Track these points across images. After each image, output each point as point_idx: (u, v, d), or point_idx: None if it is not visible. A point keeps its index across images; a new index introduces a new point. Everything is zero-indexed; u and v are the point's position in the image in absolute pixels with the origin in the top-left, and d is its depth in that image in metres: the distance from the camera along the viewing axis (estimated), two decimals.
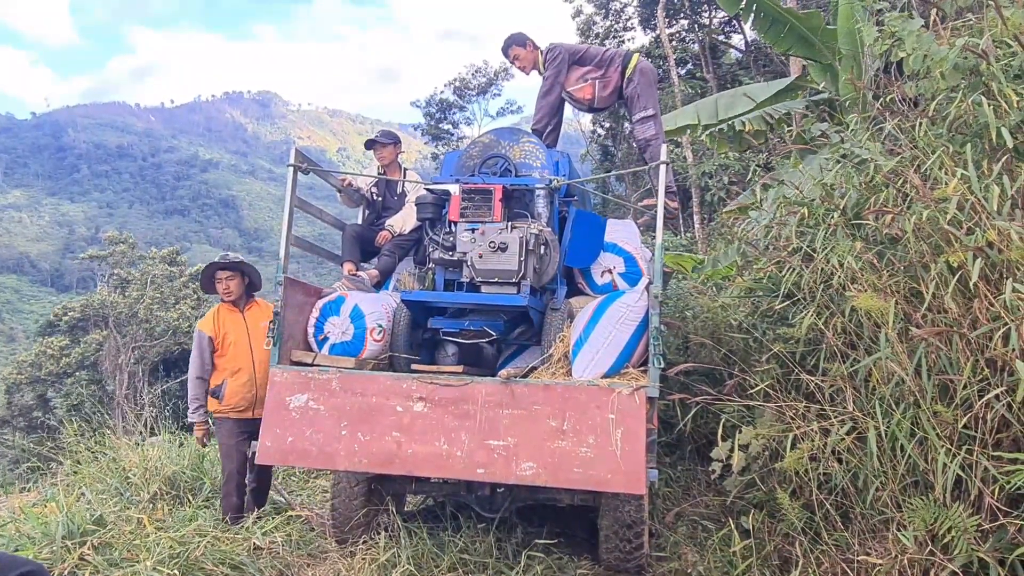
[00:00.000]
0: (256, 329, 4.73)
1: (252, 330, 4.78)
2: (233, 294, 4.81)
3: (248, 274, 4.93)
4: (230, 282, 4.80)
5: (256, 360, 4.74)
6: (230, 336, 4.78)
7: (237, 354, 4.76)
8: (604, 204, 11.05)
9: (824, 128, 4.67)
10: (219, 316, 4.82)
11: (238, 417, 4.74)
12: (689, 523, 4.54)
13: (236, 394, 4.73)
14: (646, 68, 5.26)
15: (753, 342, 4.41)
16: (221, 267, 4.84)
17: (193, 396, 4.77)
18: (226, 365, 4.76)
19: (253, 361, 4.74)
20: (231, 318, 4.83)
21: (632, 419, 3.43)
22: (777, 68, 16.23)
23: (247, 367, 4.75)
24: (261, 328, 4.55)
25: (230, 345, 4.78)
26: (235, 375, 4.72)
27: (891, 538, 2.97)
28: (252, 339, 4.76)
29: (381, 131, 5.55)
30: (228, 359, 4.77)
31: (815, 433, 3.29)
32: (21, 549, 3.95)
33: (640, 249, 4.48)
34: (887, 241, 3.44)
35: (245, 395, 4.72)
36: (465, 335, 4.13)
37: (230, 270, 4.84)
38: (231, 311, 4.85)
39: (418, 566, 3.84)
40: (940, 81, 3.50)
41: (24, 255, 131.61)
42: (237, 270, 4.87)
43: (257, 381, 4.70)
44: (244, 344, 4.76)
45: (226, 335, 4.78)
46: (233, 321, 4.82)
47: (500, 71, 29.27)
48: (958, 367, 2.85)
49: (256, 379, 4.71)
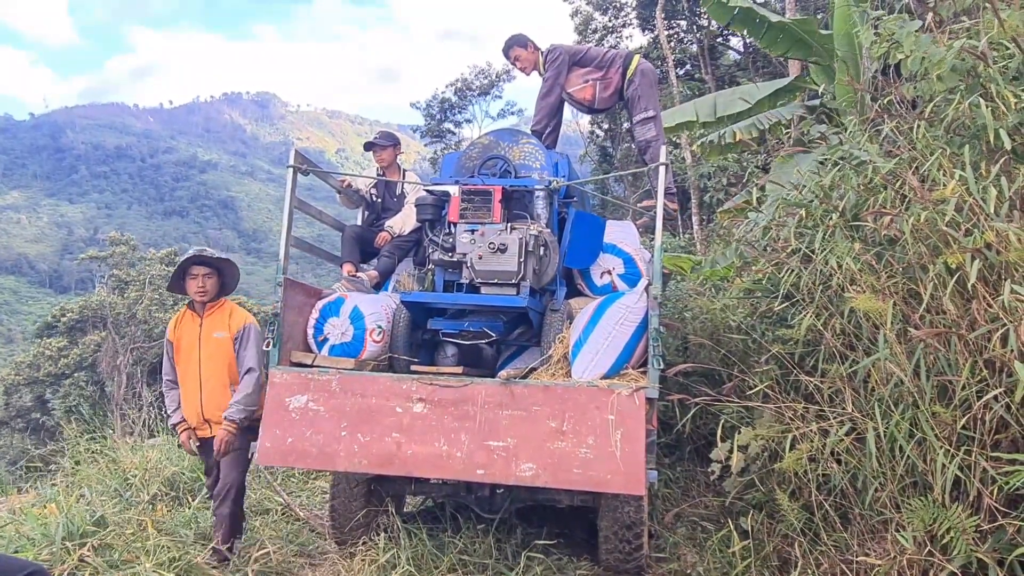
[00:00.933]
0: (209, 339, 4.17)
1: (205, 339, 4.18)
2: (209, 294, 4.19)
3: (225, 275, 4.30)
4: (208, 280, 4.16)
5: (204, 375, 4.14)
6: (183, 342, 4.23)
7: (186, 368, 4.22)
8: (603, 205, 11.06)
9: (823, 130, 4.68)
10: (180, 321, 4.30)
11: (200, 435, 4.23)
12: (688, 524, 4.55)
13: (185, 411, 4.25)
14: (647, 69, 5.27)
15: (752, 343, 4.41)
16: (199, 262, 4.17)
17: (167, 401, 4.35)
18: (179, 377, 4.28)
19: (200, 376, 4.14)
20: (188, 323, 4.26)
21: (631, 420, 3.43)
22: (776, 69, 16.25)
23: (192, 382, 4.18)
24: (215, 341, 4.14)
25: (182, 353, 4.24)
26: (184, 390, 4.25)
27: (890, 539, 2.97)
28: (202, 349, 4.17)
29: (380, 133, 5.55)
30: (180, 370, 4.26)
31: (814, 434, 3.30)
32: (21, 550, 3.95)
33: (639, 250, 4.49)
34: (886, 242, 3.45)
35: (193, 414, 4.19)
36: (465, 336, 4.14)
37: (209, 267, 4.19)
38: (192, 316, 4.25)
39: (418, 567, 3.85)
40: (938, 83, 3.51)
41: (22, 256, 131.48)
42: (215, 267, 4.23)
43: (203, 400, 4.13)
44: (193, 355, 4.18)
45: (180, 340, 4.25)
46: (189, 327, 4.24)
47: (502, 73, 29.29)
48: (957, 368, 2.86)
49: (202, 397, 4.14)
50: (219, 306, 4.24)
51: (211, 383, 4.14)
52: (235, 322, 4.20)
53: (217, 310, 4.23)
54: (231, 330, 4.17)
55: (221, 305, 4.25)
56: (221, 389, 4.13)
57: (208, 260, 4.19)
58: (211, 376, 4.14)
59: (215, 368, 4.14)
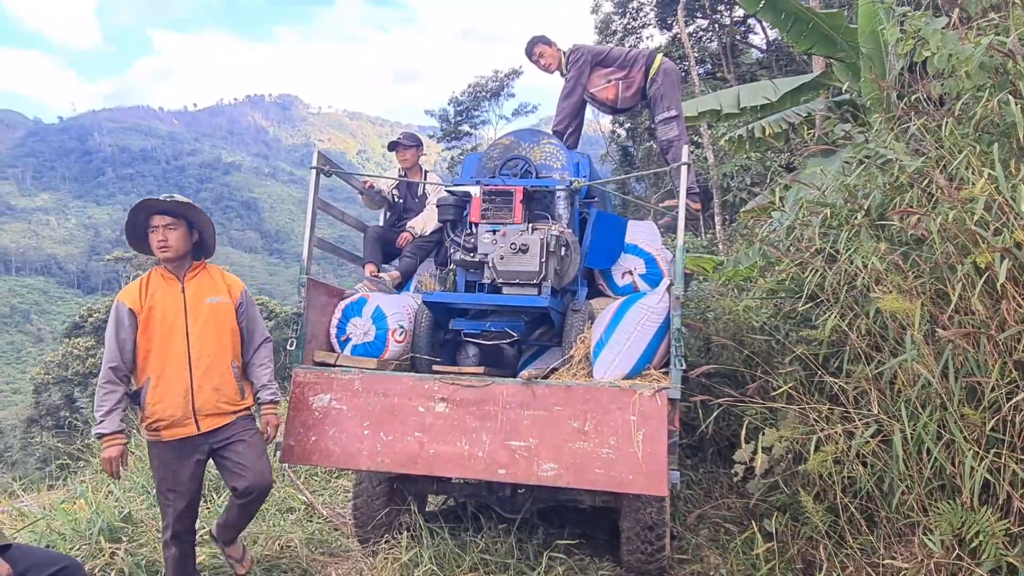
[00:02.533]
0: (200, 306, 3.37)
1: (193, 306, 3.36)
2: (171, 250, 3.33)
3: (198, 226, 3.45)
4: (169, 232, 3.32)
5: (195, 351, 3.31)
6: (156, 312, 3.29)
7: (165, 342, 3.28)
8: (624, 205, 11.02)
9: (847, 128, 4.63)
10: (148, 283, 3.35)
11: (171, 438, 3.29)
12: (711, 525, 4.52)
13: (161, 404, 3.25)
14: (670, 68, 5.24)
15: (776, 344, 4.38)
16: (156, 210, 3.33)
17: (103, 395, 3.20)
18: (149, 358, 3.28)
19: (189, 354, 3.30)
20: (164, 288, 3.36)
21: (654, 420, 3.42)
22: (799, 67, 16.09)
23: (176, 363, 3.29)
24: (208, 307, 3.38)
25: (156, 327, 3.28)
26: (161, 375, 3.27)
27: (917, 542, 2.94)
28: (191, 319, 3.33)
29: (403, 133, 5.59)
30: (154, 348, 3.28)
31: (839, 436, 3.27)
32: (52, 545, 4.03)
33: (661, 250, 4.47)
34: (912, 242, 3.40)
35: (177, 405, 3.27)
36: (486, 336, 4.15)
37: (170, 215, 3.34)
38: (167, 278, 3.38)
39: (440, 566, 3.86)
40: (965, 80, 3.46)
41: (51, 257, 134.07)
42: (179, 216, 3.37)
43: (195, 385, 3.29)
44: (178, 328, 3.31)
45: (151, 310, 3.29)
46: (166, 292, 3.35)
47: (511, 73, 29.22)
48: (986, 369, 2.82)
49: (193, 381, 3.29)
50: (202, 267, 3.51)
51: (206, 361, 3.33)
52: (233, 285, 3.57)
53: (202, 271, 3.49)
54: (231, 294, 3.51)
55: (203, 266, 3.52)
56: (220, 369, 3.37)
57: (165, 207, 3.32)
58: (206, 352, 3.34)
59: (212, 342, 3.36)
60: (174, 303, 3.35)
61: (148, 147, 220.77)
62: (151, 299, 3.31)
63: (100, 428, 3.18)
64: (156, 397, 3.26)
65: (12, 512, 5.02)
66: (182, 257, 3.40)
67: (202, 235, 3.48)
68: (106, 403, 3.19)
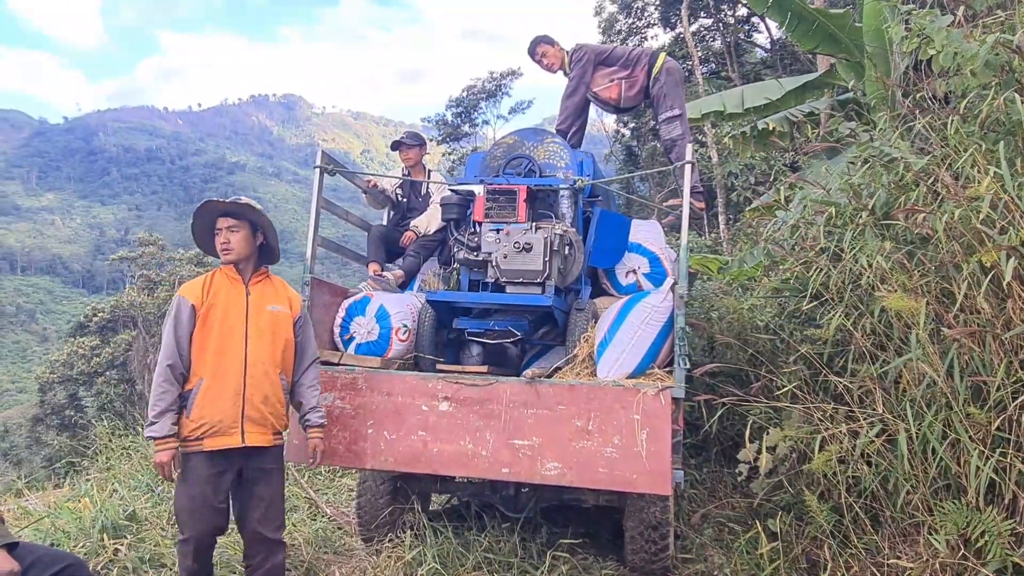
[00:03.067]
0: (261, 311, 3.26)
1: (255, 310, 3.25)
2: (233, 252, 3.25)
3: (262, 229, 3.35)
4: (231, 235, 3.24)
5: (251, 357, 3.18)
6: (217, 311, 3.18)
7: (224, 343, 3.15)
8: (628, 204, 11.01)
9: (852, 127, 4.61)
10: (212, 282, 3.25)
11: (213, 447, 3.08)
12: (715, 525, 4.51)
13: (211, 407, 3.09)
14: (673, 67, 5.24)
15: (780, 343, 4.37)
16: (219, 212, 3.28)
17: (159, 393, 3.04)
18: (204, 357, 3.12)
19: (245, 359, 3.17)
20: (228, 288, 3.25)
21: (657, 420, 3.42)
22: (803, 67, 16.05)
23: (232, 366, 3.14)
24: (269, 314, 3.27)
25: (214, 325, 3.16)
26: (215, 376, 3.11)
27: (922, 542, 2.93)
28: (251, 323, 3.22)
29: (407, 132, 5.59)
30: (209, 348, 3.13)
31: (844, 435, 3.26)
32: (57, 543, 4.04)
33: (665, 249, 4.47)
34: (917, 241, 3.39)
35: (226, 409, 3.11)
36: (490, 335, 4.15)
37: (234, 217, 3.27)
38: (232, 279, 3.28)
39: (443, 565, 3.86)
40: (971, 78, 3.44)
41: (57, 257, 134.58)
42: (244, 219, 3.29)
43: (247, 391, 3.15)
44: (238, 330, 3.19)
45: (211, 309, 3.18)
46: (230, 293, 3.24)
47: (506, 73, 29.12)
48: (991, 368, 2.81)
49: (246, 387, 3.15)
50: (266, 275, 3.40)
51: (260, 368, 3.20)
52: (293, 298, 3.45)
53: (265, 279, 3.38)
54: (291, 307, 3.39)
55: (267, 274, 3.42)
56: (272, 378, 3.24)
57: (229, 208, 3.25)
58: (261, 359, 3.20)
59: (267, 349, 3.23)
60: (237, 304, 3.22)
61: (153, 147, 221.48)
62: (213, 297, 3.19)
63: (153, 431, 3.02)
64: (207, 400, 3.09)
65: (18, 510, 5.04)
66: (246, 260, 3.30)
67: (266, 238, 3.37)
68: (161, 403, 3.03)
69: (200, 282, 3.25)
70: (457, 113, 28.41)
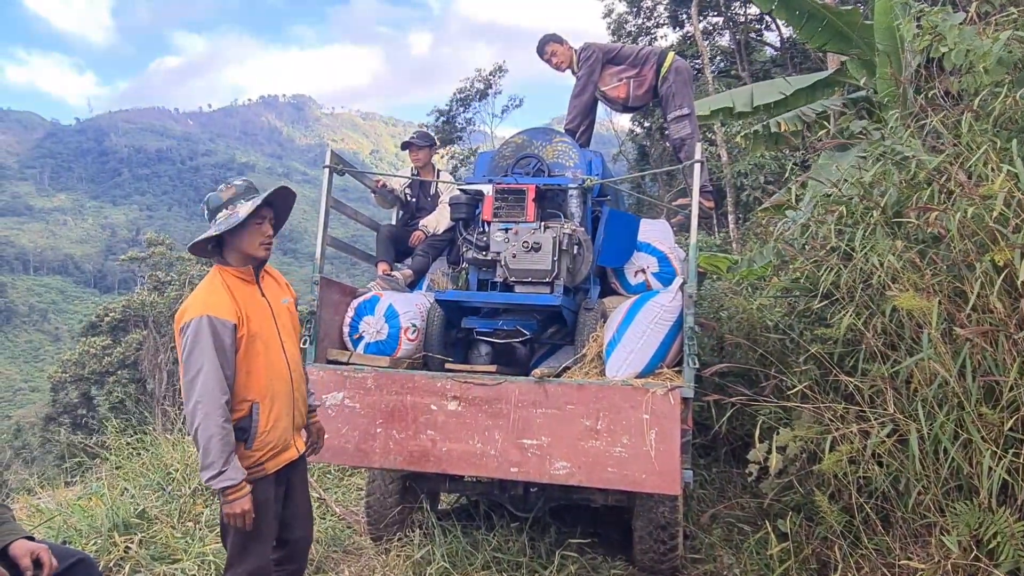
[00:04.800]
0: (280, 309, 2.91)
1: (276, 312, 2.88)
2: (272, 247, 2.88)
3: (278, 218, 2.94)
4: (271, 227, 2.85)
5: (291, 363, 2.87)
6: (254, 323, 2.74)
7: (266, 358, 2.76)
8: (639, 204, 11.00)
9: (863, 125, 4.59)
10: (230, 289, 2.73)
11: (275, 468, 2.79)
12: (725, 525, 4.50)
13: (274, 430, 2.76)
14: (681, 66, 5.22)
15: (790, 343, 4.35)
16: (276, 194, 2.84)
17: (222, 436, 2.55)
18: (253, 381, 2.72)
19: (288, 364, 2.85)
20: (246, 294, 2.78)
21: (666, 419, 3.40)
22: (813, 65, 15.97)
23: (283, 378, 2.82)
24: (284, 308, 2.94)
25: (256, 340, 2.73)
26: (270, 397, 2.76)
27: (934, 543, 2.90)
28: (279, 326, 2.86)
29: (416, 133, 5.60)
30: (258, 368, 2.73)
31: (854, 435, 3.24)
32: (68, 541, 4.07)
33: (674, 249, 4.45)
34: (929, 239, 3.37)
35: (287, 426, 2.83)
36: (499, 335, 4.14)
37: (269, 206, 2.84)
38: (245, 281, 2.81)
39: (452, 564, 3.87)
40: (984, 75, 3.42)
41: (69, 257, 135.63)
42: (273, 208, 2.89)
43: (296, 398, 2.89)
44: (273, 336, 2.82)
45: (249, 321, 2.72)
46: (250, 299, 2.78)
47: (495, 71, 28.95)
48: (1004, 368, 2.79)
49: (295, 395, 2.88)
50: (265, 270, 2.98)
51: (298, 371, 2.93)
52: (287, 283, 3.11)
53: (266, 273, 2.97)
54: (291, 292, 3.08)
55: (266, 270, 3.00)
56: (303, 373, 3.03)
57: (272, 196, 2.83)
58: (296, 360, 2.93)
59: (295, 347, 2.96)
60: (261, 310, 2.81)
61: (163, 148, 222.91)
62: (245, 308, 2.72)
63: (226, 480, 2.54)
64: (270, 421, 2.74)
65: (30, 508, 5.08)
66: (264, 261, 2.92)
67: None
68: (227, 446, 2.57)
69: (220, 292, 2.71)
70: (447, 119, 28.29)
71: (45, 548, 2.28)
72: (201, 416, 2.53)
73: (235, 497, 2.57)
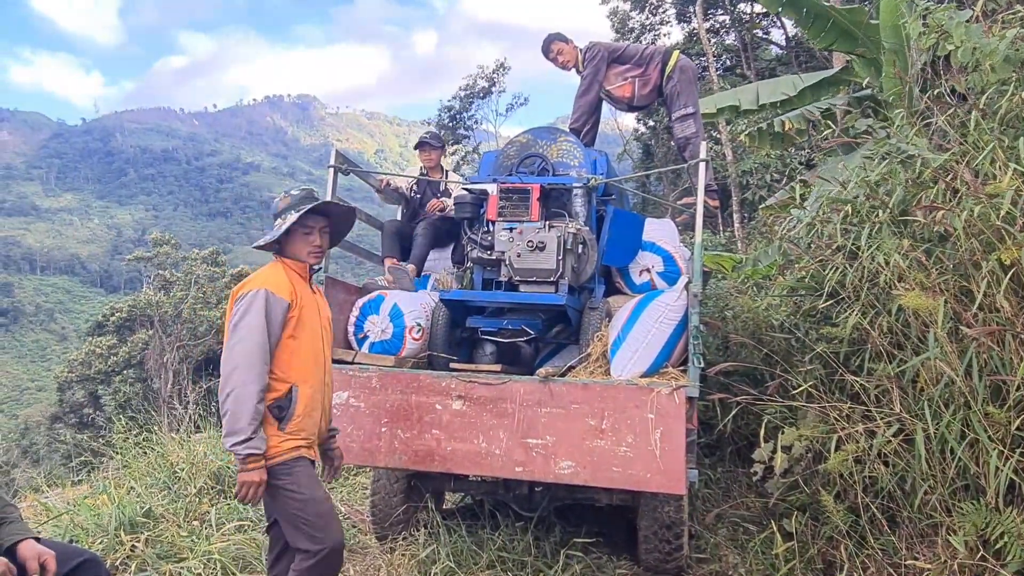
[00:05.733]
0: (324, 318, 3.04)
1: (323, 313, 3.03)
2: (323, 255, 3.03)
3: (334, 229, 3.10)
4: (324, 237, 2.97)
5: (327, 366, 3.00)
6: (306, 309, 2.87)
7: (310, 347, 2.85)
8: (642, 203, 10.98)
9: (869, 123, 4.57)
10: (289, 276, 2.87)
11: (311, 457, 2.87)
12: (730, 525, 4.49)
13: (308, 419, 2.82)
14: (686, 65, 5.21)
15: (795, 342, 4.34)
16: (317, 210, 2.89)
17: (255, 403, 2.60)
18: (295, 362, 2.78)
19: (325, 365, 2.96)
20: (303, 288, 2.92)
21: (672, 419, 3.40)
22: (819, 64, 15.92)
23: (319, 373, 2.90)
24: (326, 318, 3.07)
25: (305, 325, 2.84)
26: (308, 383, 2.82)
27: (940, 543, 2.89)
28: (324, 331, 2.99)
29: (430, 133, 5.66)
30: (302, 352, 2.81)
31: (860, 435, 3.23)
32: (76, 539, 4.09)
33: (679, 248, 4.45)
34: (936, 238, 3.35)
35: (318, 422, 2.89)
36: (503, 334, 4.14)
37: (323, 215, 2.96)
38: (303, 277, 2.95)
39: (457, 563, 3.87)
40: (990, 74, 3.40)
41: (75, 257, 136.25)
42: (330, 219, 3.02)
43: (325, 401, 2.96)
44: (319, 333, 2.93)
45: (302, 307, 2.84)
46: (305, 291, 2.92)
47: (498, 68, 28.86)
48: (1011, 367, 2.77)
49: (325, 399, 2.96)
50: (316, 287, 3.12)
51: (330, 378, 3.06)
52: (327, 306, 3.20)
53: (318, 290, 3.11)
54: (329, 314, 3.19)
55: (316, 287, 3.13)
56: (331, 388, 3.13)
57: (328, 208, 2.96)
58: (330, 367, 3.06)
59: (330, 356, 3.07)
60: (312, 304, 2.92)
61: (169, 148, 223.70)
62: (299, 294, 2.85)
63: (251, 447, 2.56)
64: (306, 412, 2.77)
65: (38, 507, 5.10)
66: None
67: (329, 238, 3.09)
68: (258, 416, 2.60)
69: (281, 274, 2.85)
70: (452, 116, 28.23)
71: (52, 555, 2.28)
72: (236, 381, 2.59)
73: (256, 466, 2.59)
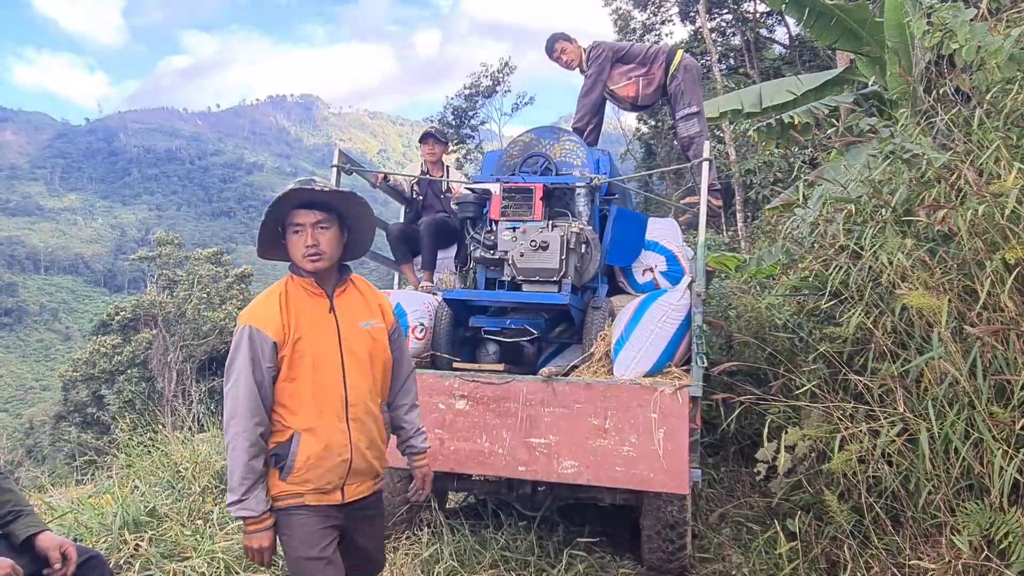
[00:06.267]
0: (355, 331, 2.49)
1: (348, 332, 2.47)
2: (324, 258, 2.40)
3: (350, 224, 2.50)
4: (320, 234, 2.39)
5: (352, 397, 2.43)
6: (305, 342, 2.38)
7: (318, 385, 2.39)
8: (647, 203, 10.98)
9: (873, 122, 4.56)
10: (288, 302, 2.41)
11: (318, 502, 2.41)
12: (733, 524, 4.49)
13: (316, 468, 2.37)
14: (690, 64, 5.21)
15: (799, 342, 4.33)
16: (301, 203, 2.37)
17: (247, 466, 2.29)
18: (297, 405, 2.38)
19: (346, 395, 2.42)
20: (311, 308, 2.44)
21: (675, 418, 3.40)
22: (823, 63, 15.90)
23: (336, 411, 2.41)
24: (364, 333, 2.51)
25: (305, 362, 2.38)
26: (314, 429, 2.37)
27: (944, 543, 2.89)
28: (346, 353, 2.45)
29: (436, 128, 5.62)
30: (303, 393, 2.38)
31: (864, 434, 3.22)
32: (80, 538, 4.10)
33: (682, 247, 4.44)
34: (939, 238, 3.35)
35: (334, 469, 2.40)
36: (506, 333, 4.15)
37: (322, 209, 2.39)
38: (313, 293, 2.45)
39: (460, 562, 3.87)
40: (995, 72, 3.40)
41: (79, 256, 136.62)
42: (332, 210, 2.42)
43: (353, 436, 2.42)
44: (334, 362, 2.43)
45: (299, 341, 2.37)
46: (314, 315, 2.43)
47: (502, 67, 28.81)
48: (1016, 367, 2.77)
49: (351, 433, 2.42)
50: (350, 282, 2.57)
51: (363, 408, 2.48)
52: (384, 304, 2.67)
53: (350, 287, 2.56)
54: (385, 316, 2.63)
55: (353, 281, 2.59)
56: (375, 414, 2.55)
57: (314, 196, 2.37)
58: (362, 396, 2.47)
59: (367, 379, 2.51)
60: (325, 329, 2.43)
61: (173, 148, 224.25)
62: (297, 325, 2.38)
63: (245, 509, 2.30)
64: (311, 460, 2.36)
65: (41, 506, 5.11)
66: (330, 270, 2.48)
67: (352, 233, 2.52)
68: (252, 475, 2.29)
69: (272, 304, 2.39)
70: (456, 116, 28.22)
71: (73, 545, 2.31)
72: (230, 435, 2.32)
73: (254, 529, 2.33)
